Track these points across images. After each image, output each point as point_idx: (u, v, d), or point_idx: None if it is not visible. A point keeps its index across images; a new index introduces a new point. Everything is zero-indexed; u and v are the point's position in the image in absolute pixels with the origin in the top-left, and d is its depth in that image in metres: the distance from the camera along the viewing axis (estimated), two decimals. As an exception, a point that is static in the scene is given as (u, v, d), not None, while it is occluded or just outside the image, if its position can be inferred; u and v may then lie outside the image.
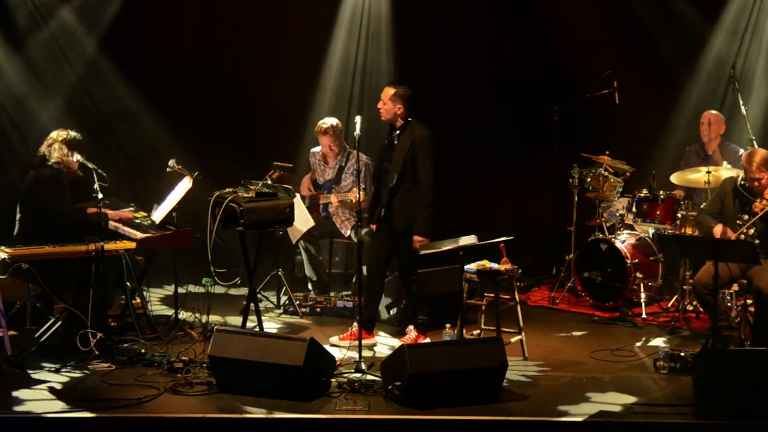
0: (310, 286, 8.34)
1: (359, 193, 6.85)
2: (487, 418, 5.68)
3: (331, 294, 8.23)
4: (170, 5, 9.63)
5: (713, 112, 8.59)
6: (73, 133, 7.04)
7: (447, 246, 6.67)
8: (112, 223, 7.10)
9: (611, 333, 7.65)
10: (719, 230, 6.93)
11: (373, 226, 7.27)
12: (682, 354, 6.51)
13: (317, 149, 8.45)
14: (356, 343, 6.55)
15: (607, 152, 8.47)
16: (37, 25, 9.32)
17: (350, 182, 8.18)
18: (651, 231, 8.29)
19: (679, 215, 8.05)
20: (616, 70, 8.65)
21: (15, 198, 7.09)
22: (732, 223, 6.92)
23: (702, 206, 7.50)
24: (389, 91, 7.04)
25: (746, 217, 6.84)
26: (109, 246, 6.66)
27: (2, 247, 6.54)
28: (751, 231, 6.81)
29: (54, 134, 7.03)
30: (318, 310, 7.97)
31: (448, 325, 6.78)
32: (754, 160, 6.82)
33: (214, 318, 7.25)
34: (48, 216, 6.82)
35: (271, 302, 8.20)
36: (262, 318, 7.07)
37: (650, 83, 9.62)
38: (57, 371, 6.32)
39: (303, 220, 7.87)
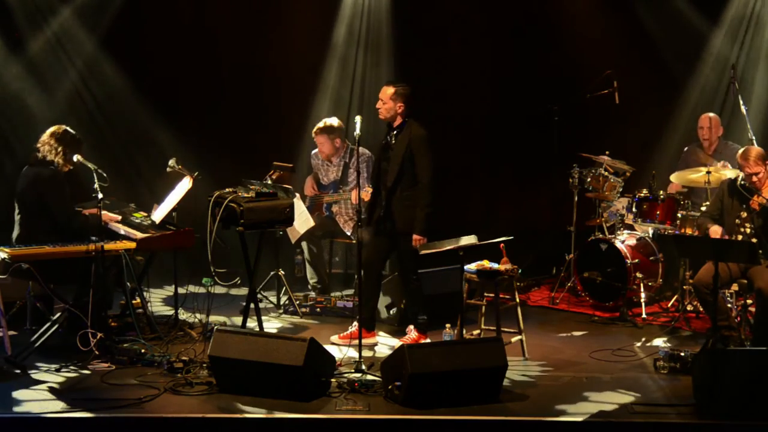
0: (310, 286, 8.34)
1: (359, 193, 6.84)
2: (487, 418, 5.68)
3: (331, 294, 8.23)
4: (170, 5, 9.63)
5: (711, 114, 8.58)
6: (71, 132, 6.99)
7: (447, 246, 6.68)
8: (112, 224, 7.09)
9: (611, 333, 7.65)
10: (716, 231, 6.96)
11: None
12: (682, 354, 6.50)
13: (317, 151, 8.45)
14: (356, 341, 6.55)
15: (607, 152, 8.47)
16: (38, 24, 9.32)
17: (355, 177, 8.14)
18: (650, 231, 8.29)
19: (679, 215, 8.05)
20: (616, 70, 8.65)
21: (13, 197, 7.08)
22: (732, 221, 6.92)
23: (703, 209, 7.57)
24: (389, 90, 7.00)
25: (744, 214, 6.84)
26: (109, 246, 6.65)
27: (2, 247, 6.54)
28: (748, 229, 6.80)
29: (51, 132, 6.94)
30: (318, 310, 7.97)
31: (448, 325, 6.78)
32: (750, 156, 6.90)
33: (213, 318, 7.24)
34: (50, 216, 6.80)
35: (271, 302, 8.20)
36: (262, 318, 7.07)
37: (650, 83, 9.61)
38: (57, 371, 6.32)
39: (303, 221, 7.87)
